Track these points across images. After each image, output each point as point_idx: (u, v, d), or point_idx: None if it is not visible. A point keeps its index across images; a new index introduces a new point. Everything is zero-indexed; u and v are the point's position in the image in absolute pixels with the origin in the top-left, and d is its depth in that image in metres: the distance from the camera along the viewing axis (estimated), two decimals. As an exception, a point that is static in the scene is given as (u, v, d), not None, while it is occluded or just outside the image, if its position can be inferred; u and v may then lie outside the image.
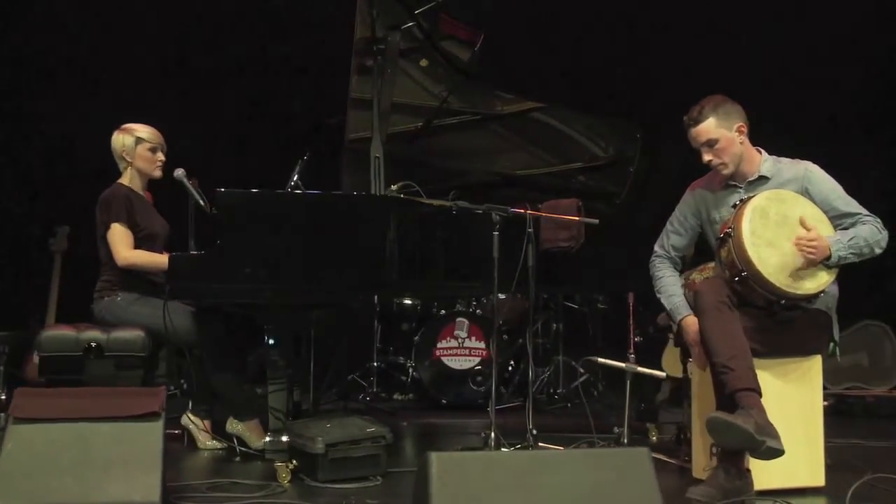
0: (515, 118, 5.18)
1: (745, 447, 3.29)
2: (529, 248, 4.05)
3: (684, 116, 3.72)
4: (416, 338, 6.12)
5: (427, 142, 5.14)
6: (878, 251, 3.55)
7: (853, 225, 3.57)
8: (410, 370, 6.15)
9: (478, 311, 6.22)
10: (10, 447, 3.09)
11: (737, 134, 3.68)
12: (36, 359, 6.31)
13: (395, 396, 6.44)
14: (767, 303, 3.53)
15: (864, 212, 3.60)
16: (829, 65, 6.47)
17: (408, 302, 6.38)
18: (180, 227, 4.57)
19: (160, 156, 4.55)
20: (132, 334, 4.13)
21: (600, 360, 4.06)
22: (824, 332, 3.71)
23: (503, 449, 4.07)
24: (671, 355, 5.73)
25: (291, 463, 3.75)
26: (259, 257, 3.76)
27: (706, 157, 3.71)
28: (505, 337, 6.12)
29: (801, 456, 3.55)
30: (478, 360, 6.06)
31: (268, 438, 3.89)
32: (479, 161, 5.29)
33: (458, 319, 6.11)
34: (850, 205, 3.61)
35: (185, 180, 4.51)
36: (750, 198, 3.55)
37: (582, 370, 6.28)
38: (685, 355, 4.35)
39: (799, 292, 3.46)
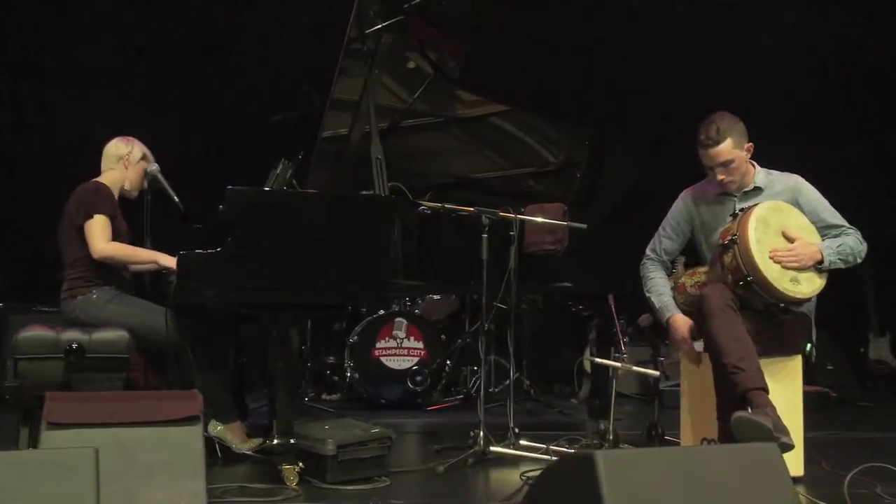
0: (474, 122, 5.23)
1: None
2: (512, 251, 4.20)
3: (700, 135, 3.84)
4: (355, 338, 6.11)
5: (387, 143, 5.12)
6: (859, 261, 3.86)
7: (837, 236, 3.85)
8: (348, 370, 6.12)
9: (415, 311, 6.26)
10: (46, 454, 2.93)
11: (746, 153, 3.90)
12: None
13: (324, 396, 6.41)
14: (766, 306, 3.76)
15: (847, 224, 3.90)
16: (786, 72, 6.79)
17: (337, 302, 6.33)
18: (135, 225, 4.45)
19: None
20: (115, 335, 3.94)
21: (596, 359, 4.20)
22: (806, 333, 3.99)
23: (492, 448, 4.17)
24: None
25: (298, 465, 3.71)
26: (271, 257, 3.68)
27: (719, 176, 3.88)
28: (443, 337, 6.19)
29: (786, 448, 3.80)
30: (416, 359, 6.10)
31: (276, 441, 3.81)
32: (436, 163, 5.32)
33: (397, 320, 6.13)
34: (836, 217, 3.90)
35: (159, 176, 4.41)
36: (751, 207, 3.77)
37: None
38: (656, 353, 4.58)
39: (798, 296, 3.72)
